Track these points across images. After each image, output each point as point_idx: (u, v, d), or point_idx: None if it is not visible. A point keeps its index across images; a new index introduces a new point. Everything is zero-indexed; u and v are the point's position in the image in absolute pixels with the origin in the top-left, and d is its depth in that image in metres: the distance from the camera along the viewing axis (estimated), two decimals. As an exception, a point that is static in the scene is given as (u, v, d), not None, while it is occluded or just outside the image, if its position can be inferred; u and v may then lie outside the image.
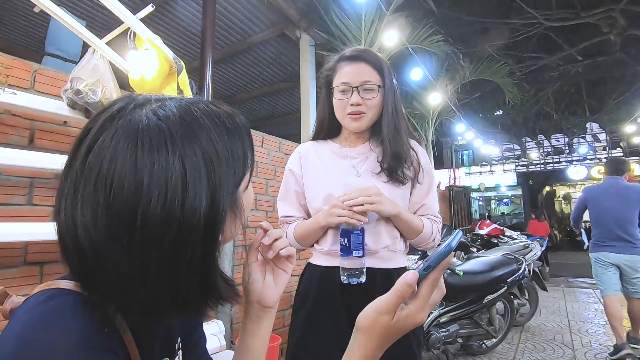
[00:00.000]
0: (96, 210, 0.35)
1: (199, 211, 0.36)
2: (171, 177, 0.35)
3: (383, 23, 4.03)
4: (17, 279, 1.38)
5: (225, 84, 6.75)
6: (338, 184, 1.06)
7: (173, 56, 1.60)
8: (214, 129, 0.40)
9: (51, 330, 0.34)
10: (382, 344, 0.45)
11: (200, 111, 0.41)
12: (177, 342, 0.52)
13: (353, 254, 0.95)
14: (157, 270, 0.36)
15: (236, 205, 0.42)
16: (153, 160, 0.35)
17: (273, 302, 0.60)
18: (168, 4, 4.39)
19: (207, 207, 0.37)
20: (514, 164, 14.17)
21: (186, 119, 0.39)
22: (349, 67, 1.06)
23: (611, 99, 9.17)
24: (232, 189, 0.40)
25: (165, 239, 0.35)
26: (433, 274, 0.42)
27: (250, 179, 0.46)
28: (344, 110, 1.07)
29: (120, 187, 0.35)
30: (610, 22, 6.44)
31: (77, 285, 0.40)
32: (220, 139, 0.40)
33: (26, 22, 4.95)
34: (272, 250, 0.59)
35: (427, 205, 1.12)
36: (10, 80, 1.40)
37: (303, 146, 1.20)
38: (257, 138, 2.65)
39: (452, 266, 2.74)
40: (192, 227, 0.36)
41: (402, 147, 1.06)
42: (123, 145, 0.36)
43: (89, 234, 0.36)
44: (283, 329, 2.60)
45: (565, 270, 7.62)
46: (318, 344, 1.01)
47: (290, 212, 1.16)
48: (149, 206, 0.34)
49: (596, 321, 3.94)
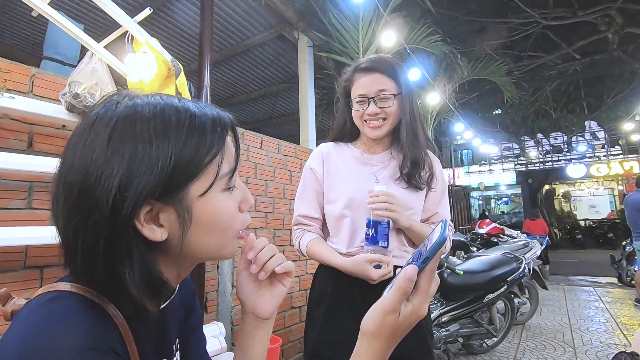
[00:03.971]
0: (60, 193, 0.39)
1: (109, 190, 0.37)
2: (94, 152, 0.38)
3: (381, 23, 4.03)
4: (17, 282, 1.38)
5: (224, 85, 6.75)
6: (360, 189, 1.08)
7: (171, 59, 1.61)
8: (160, 124, 0.40)
9: (55, 332, 0.35)
10: (391, 344, 0.44)
11: (159, 106, 0.41)
12: (175, 343, 0.52)
13: (379, 244, 0.98)
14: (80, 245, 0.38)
15: (181, 206, 0.41)
16: (85, 139, 0.39)
17: (268, 314, 0.58)
18: (166, 6, 4.40)
19: (118, 188, 0.37)
20: (513, 163, 14.18)
21: (132, 109, 0.40)
22: (365, 78, 1.09)
23: (609, 97, 9.20)
24: (156, 182, 0.38)
25: (80, 211, 0.38)
26: (429, 265, 0.42)
27: (212, 186, 0.43)
28: (362, 119, 1.11)
29: (63, 162, 0.40)
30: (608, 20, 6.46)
31: (76, 287, 0.40)
32: (161, 134, 0.39)
33: (24, 25, 4.95)
34: (264, 272, 0.55)
35: (439, 213, 1.16)
36: (9, 85, 1.41)
37: (325, 146, 1.21)
38: (255, 139, 2.65)
39: (452, 266, 2.75)
40: (100, 203, 0.37)
41: (420, 153, 1.10)
42: (80, 131, 0.40)
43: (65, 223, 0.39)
44: (283, 330, 2.61)
45: (565, 269, 7.63)
46: (339, 338, 1.03)
47: (307, 212, 1.16)
48: (71, 177, 0.38)
49: (597, 319, 3.94)
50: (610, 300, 4.81)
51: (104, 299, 0.40)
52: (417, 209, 1.11)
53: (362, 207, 1.06)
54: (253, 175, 2.57)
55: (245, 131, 2.58)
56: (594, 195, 17.02)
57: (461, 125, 7.95)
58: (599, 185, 16.66)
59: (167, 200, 0.40)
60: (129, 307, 0.41)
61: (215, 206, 0.43)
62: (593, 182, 16.26)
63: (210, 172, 0.42)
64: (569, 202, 17.21)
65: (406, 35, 4.39)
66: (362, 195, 1.06)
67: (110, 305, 0.40)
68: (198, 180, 0.41)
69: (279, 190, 2.78)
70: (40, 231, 1.29)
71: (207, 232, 0.43)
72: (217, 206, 0.44)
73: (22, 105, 1.32)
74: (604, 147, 12.77)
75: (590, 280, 6.52)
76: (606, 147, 12.71)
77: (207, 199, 0.43)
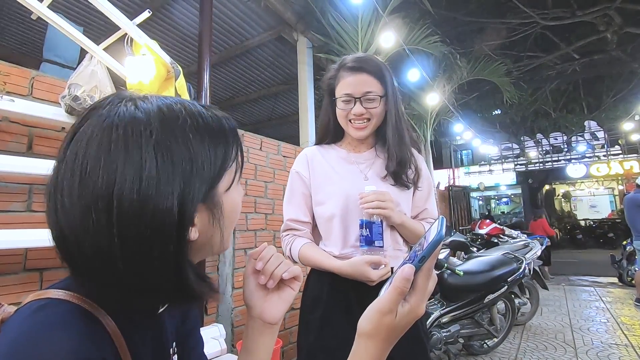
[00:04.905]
0: (74, 192, 0.37)
1: (172, 199, 0.37)
2: (145, 162, 0.37)
3: (380, 25, 4.04)
4: (17, 285, 1.38)
5: (224, 87, 6.76)
6: (348, 187, 1.08)
7: (170, 61, 1.61)
8: (193, 125, 0.41)
9: (44, 342, 0.34)
10: (388, 344, 0.44)
11: (183, 108, 0.42)
12: (172, 346, 0.52)
13: (375, 244, 0.98)
14: (131, 255, 0.37)
15: (213, 203, 0.42)
16: (127, 146, 0.37)
17: (276, 319, 0.57)
18: (165, 8, 4.41)
19: (179, 196, 0.38)
20: (513, 163, 14.19)
21: (165, 112, 0.40)
22: (351, 77, 1.07)
23: (608, 96, 9.20)
24: (206, 185, 0.41)
25: (140, 222, 0.36)
26: (427, 263, 0.42)
27: (234, 181, 0.46)
28: (347, 119, 1.10)
29: (95, 169, 0.36)
30: (606, 20, 6.47)
31: (69, 295, 0.39)
32: (199, 135, 0.41)
33: (24, 28, 4.96)
34: (272, 280, 0.56)
35: (428, 210, 1.18)
36: (8, 88, 1.41)
37: (309, 149, 1.21)
38: (255, 141, 2.65)
39: (452, 266, 2.74)
40: (165, 213, 0.37)
41: (406, 153, 1.10)
42: (99, 132, 0.38)
43: (69, 217, 0.37)
44: (284, 332, 2.60)
45: (566, 269, 7.62)
46: (336, 344, 1.01)
47: (297, 216, 1.15)
48: (124, 188, 0.36)
49: (597, 319, 3.94)
50: (610, 300, 4.80)
51: (96, 306, 0.40)
52: (405, 207, 1.11)
53: (352, 205, 1.05)
54: (253, 176, 2.57)
55: (244, 132, 2.58)
56: (594, 195, 17.04)
57: (461, 126, 7.96)
58: (599, 185, 16.67)
59: (205, 200, 0.42)
60: (125, 313, 0.40)
61: (234, 199, 0.47)
62: (593, 182, 16.28)
63: (233, 167, 0.45)
64: (569, 202, 17.21)
65: (405, 36, 4.40)
66: (351, 194, 1.05)
67: (103, 313, 0.40)
68: (225, 176, 0.44)
69: (278, 191, 2.77)
70: (40, 234, 1.28)
71: (226, 225, 0.45)
72: (236, 198, 0.47)
73: (21, 107, 1.32)
74: (604, 147, 12.78)
75: (591, 280, 6.51)
76: (606, 147, 12.73)
77: (229, 192, 0.45)
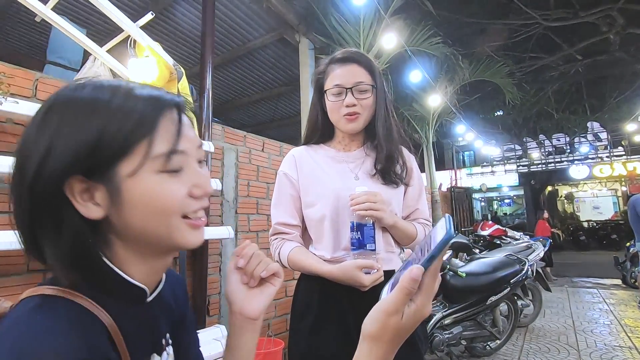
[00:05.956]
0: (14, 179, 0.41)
1: (33, 162, 0.39)
2: (32, 127, 0.41)
3: (382, 26, 4.05)
4: (20, 286, 1.39)
5: (226, 88, 6.77)
6: (338, 187, 1.04)
7: (173, 63, 1.62)
8: (90, 102, 0.41)
9: (45, 346, 0.34)
10: (394, 346, 0.43)
11: (105, 86, 0.43)
12: (165, 337, 0.51)
13: (367, 247, 0.93)
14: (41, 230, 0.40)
15: (112, 186, 0.41)
16: (36, 118, 0.41)
17: (256, 314, 0.57)
18: (168, 10, 4.42)
19: (41, 158, 0.38)
20: (516, 164, 14.13)
21: (80, 90, 0.42)
22: (341, 69, 1.05)
23: (611, 97, 9.18)
24: (83, 157, 0.39)
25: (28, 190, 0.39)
26: (434, 264, 0.41)
27: (144, 165, 0.41)
28: (339, 112, 1.06)
29: None
30: (609, 21, 6.46)
31: (60, 290, 0.40)
32: (92, 110, 0.40)
33: (27, 30, 4.99)
34: (253, 279, 0.56)
35: (419, 210, 1.14)
36: (12, 89, 1.42)
37: (297, 150, 1.18)
38: (257, 142, 2.66)
39: (454, 268, 2.74)
40: (26, 176, 0.39)
41: (393, 147, 1.07)
42: None
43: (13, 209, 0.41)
44: (285, 333, 2.59)
45: (569, 270, 7.59)
46: (328, 354, 0.98)
47: (285, 219, 1.10)
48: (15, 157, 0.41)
49: (601, 321, 3.92)
50: (614, 302, 4.78)
51: (90, 300, 0.40)
52: (396, 206, 1.07)
53: (343, 205, 1.01)
54: (255, 178, 2.57)
55: (246, 134, 2.59)
56: (597, 197, 16.95)
57: (463, 127, 7.96)
58: (602, 187, 16.60)
59: (97, 178, 0.40)
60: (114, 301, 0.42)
61: (149, 187, 0.42)
62: (596, 183, 16.20)
63: (140, 152, 0.41)
64: (572, 203, 17.14)
65: (407, 37, 4.40)
66: (342, 194, 1.02)
67: (97, 307, 0.40)
68: (127, 159, 0.40)
69: (280, 192, 2.78)
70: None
71: (144, 214, 0.42)
72: (152, 188, 0.42)
73: (25, 109, 1.33)
74: (607, 148, 12.72)
75: (594, 282, 6.48)
76: (609, 148, 12.67)
77: (139, 179, 0.41)
